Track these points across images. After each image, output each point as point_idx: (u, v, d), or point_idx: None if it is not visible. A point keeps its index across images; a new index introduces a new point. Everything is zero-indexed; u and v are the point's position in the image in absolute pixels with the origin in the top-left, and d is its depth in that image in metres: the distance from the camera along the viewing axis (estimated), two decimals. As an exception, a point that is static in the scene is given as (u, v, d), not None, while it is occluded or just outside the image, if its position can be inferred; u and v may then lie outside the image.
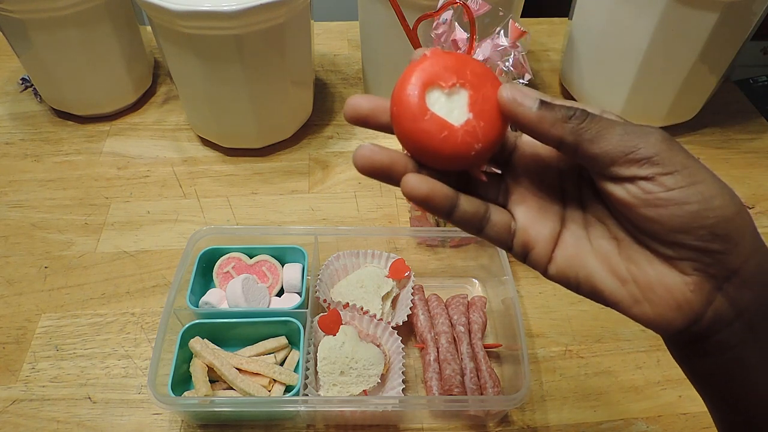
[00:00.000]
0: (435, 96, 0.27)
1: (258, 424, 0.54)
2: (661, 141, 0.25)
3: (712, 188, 0.25)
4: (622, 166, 0.25)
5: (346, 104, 0.29)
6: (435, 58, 0.28)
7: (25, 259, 0.67)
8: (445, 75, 0.27)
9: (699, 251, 0.26)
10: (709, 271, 0.26)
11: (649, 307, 0.27)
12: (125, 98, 0.84)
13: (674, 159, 0.25)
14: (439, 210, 0.28)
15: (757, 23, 0.71)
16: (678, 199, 0.25)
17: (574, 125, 0.26)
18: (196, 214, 0.72)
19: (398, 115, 0.27)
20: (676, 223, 0.25)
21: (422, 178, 0.27)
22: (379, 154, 0.28)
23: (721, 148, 0.83)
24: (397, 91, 0.27)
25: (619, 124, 0.26)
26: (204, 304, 0.59)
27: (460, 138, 0.27)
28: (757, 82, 0.96)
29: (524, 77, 0.57)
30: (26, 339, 0.60)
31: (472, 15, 0.54)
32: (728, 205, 0.25)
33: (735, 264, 0.26)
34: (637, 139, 0.25)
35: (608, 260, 0.28)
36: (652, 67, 0.74)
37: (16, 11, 0.70)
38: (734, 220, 0.25)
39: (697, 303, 0.26)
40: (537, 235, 0.29)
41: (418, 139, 0.27)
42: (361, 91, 0.90)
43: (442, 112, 0.27)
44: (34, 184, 0.75)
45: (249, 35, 0.65)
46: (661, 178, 0.25)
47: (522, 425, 0.55)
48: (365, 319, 0.58)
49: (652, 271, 0.27)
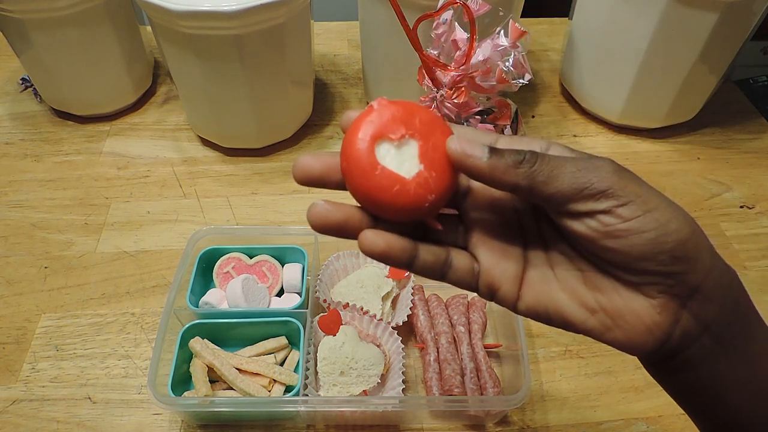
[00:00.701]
0: (385, 149, 0.27)
1: (258, 424, 0.54)
2: (613, 173, 0.26)
3: (667, 213, 0.26)
4: (578, 202, 0.26)
5: (295, 166, 0.28)
6: (382, 110, 0.27)
7: (25, 259, 0.67)
8: (393, 126, 0.27)
9: (661, 275, 0.26)
10: (673, 291, 0.27)
11: (620, 333, 0.28)
12: (125, 98, 0.84)
13: (627, 189, 0.26)
14: (399, 263, 0.28)
15: (757, 23, 0.71)
16: (636, 228, 0.25)
17: (525, 170, 0.26)
18: (196, 214, 0.72)
19: (349, 171, 0.27)
20: (636, 252, 0.26)
21: (378, 233, 0.27)
22: (332, 213, 0.27)
23: (721, 148, 0.83)
24: (346, 146, 0.27)
25: (570, 161, 0.26)
26: (204, 304, 0.59)
27: (413, 190, 0.26)
28: (757, 82, 0.96)
29: (524, 77, 0.57)
30: (26, 339, 0.60)
31: (472, 15, 0.54)
32: (683, 228, 0.26)
33: (696, 281, 0.26)
34: (590, 174, 0.26)
35: (575, 292, 0.29)
36: (652, 67, 0.74)
37: (16, 11, 0.70)
38: (690, 240, 0.26)
39: (665, 323, 0.27)
40: (501, 276, 0.29)
41: (371, 194, 0.26)
42: (362, 91, 0.90)
43: (393, 165, 0.26)
44: (34, 184, 0.75)
45: (249, 35, 0.65)
46: (617, 210, 0.25)
47: (522, 425, 0.55)
48: (365, 319, 0.58)
49: (618, 298, 0.28)
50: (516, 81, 0.57)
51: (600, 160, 0.26)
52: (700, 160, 0.81)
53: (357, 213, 0.28)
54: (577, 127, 0.85)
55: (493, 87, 0.58)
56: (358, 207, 0.28)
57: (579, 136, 0.84)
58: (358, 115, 0.27)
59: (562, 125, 0.86)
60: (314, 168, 0.28)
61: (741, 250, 0.70)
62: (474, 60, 0.56)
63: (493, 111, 0.61)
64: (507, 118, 0.61)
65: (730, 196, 0.76)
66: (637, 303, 0.27)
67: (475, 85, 0.57)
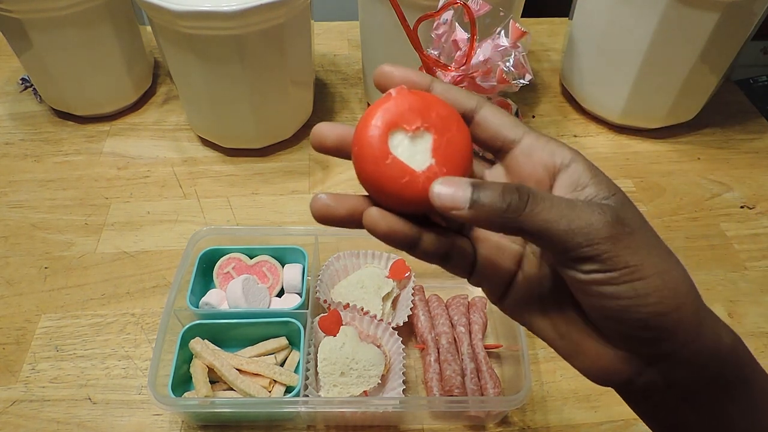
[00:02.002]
0: (398, 138, 0.26)
1: (258, 424, 0.54)
2: (606, 239, 0.24)
3: (651, 286, 0.24)
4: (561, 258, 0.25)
5: (312, 134, 0.28)
6: (400, 98, 0.26)
7: (25, 260, 0.67)
8: (409, 117, 0.26)
9: (630, 336, 0.26)
10: (640, 352, 0.26)
11: (581, 364, 0.28)
12: (125, 98, 0.84)
13: (616, 259, 0.24)
14: (401, 246, 0.27)
15: (757, 23, 0.71)
16: (609, 293, 0.24)
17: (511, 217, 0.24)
18: (197, 214, 0.72)
19: (359, 157, 0.26)
20: (607, 313, 0.25)
21: (384, 214, 0.26)
22: (335, 209, 0.27)
23: (721, 148, 0.83)
24: (360, 130, 0.26)
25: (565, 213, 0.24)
26: (204, 304, 0.59)
27: (421, 184, 0.26)
28: (757, 82, 0.96)
29: (525, 77, 0.57)
30: (26, 339, 0.60)
31: (473, 15, 0.54)
32: (664, 302, 0.24)
33: (667, 350, 0.25)
34: (581, 237, 0.24)
35: (550, 314, 0.28)
36: (652, 67, 0.74)
37: (16, 11, 0.70)
38: (669, 315, 0.24)
39: (626, 372, 0.27)
40: (494, 274, 0.29)
41: (378, 182, 0.26)
42: (362, 91, 0.90)
43: (405, 156, 0.26)
44: (34, 184, 0.75)
45: (249, 35, 0.65)
46: (595, 275, 0.24)
47: (522, 426, 0.55)
48: (366, 319, 0.58)
49: (586, 337, 0.27)
50: (516, 81, 0.57)
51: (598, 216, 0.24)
52: (701, 160, 0.81)
53: (361, 205, 0.27)
54: (578, 127, 0.85)
55: (494, 87, 0.57)
56: (362, 196, 0.28)
57: (579, 136, 0.84)
58: (376, 101, 0.27)
59: (563, 125, 0.86)
60: (329, 138, 0.28)
61: (741, 250, 0.70)
62: (474, 60, 0.56)
63: (493, 111, 0.60)
64: (507, 119, 0.60)
65: (730, 196, 0.76)
66: (602, 348, 0.27)
67: (476, 85, 0.57)
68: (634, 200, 0.26)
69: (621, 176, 0.78)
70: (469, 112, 0.28)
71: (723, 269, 0.68)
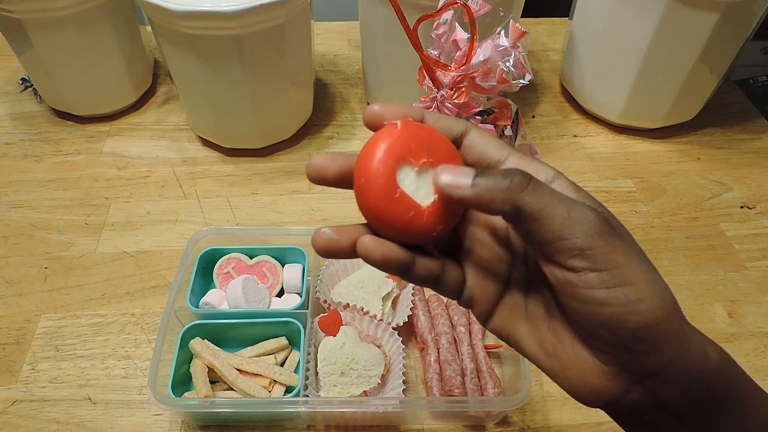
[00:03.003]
0: (405, 172, 0.26)
1: (258, 425, 0.54)
2: (598, 233, 0.24)
3: (642, 292, 0.24)
4: (553, 249, 0.25)
5: (309, 166, 0.28)
6: (406, 131, 0.26)
7: (25, 260, 0.67)
8: (416, 151, 0.26)
9: (618, 348, 0.25)
10: (628, 367, 0.26)
11: (567, 383, 0.28)
12: (125, 98, 0.84)
13: (607, 256, 0.24)
14: (395, 272, 0.28)
15: (757, 23, 0.71)
16: (600, 299, 0.24)
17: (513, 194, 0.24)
18: (197, 214, 0.72)
19: (366, 189, 0.26)
20: (596, 320, 0.25)
21: (377, 241, 0.27)
22: (339, 242, 0.27)
23: (721, 148, 0.83)
24: (366, 162, 0.26)
25: (563, 203, 0.25)
26: (204, 304, 0.59)
27: (425, 219, 0.26)
28: (757, 82, 0.96)
29: (525, 77, 0.57)
30: (26, 339, 0.60)
31: (473, 15, 0.54)
32: (654, 311, 0.24)
33: (656, 366, 0.25)
34: (575, 227, 0.24)
35: (537, 331, 0.28)
36: (652, 67, 0.74)
37: (16, 11, 0.70)
38: (659, 326, 0.24)
39: (613, 391, 0.26)
40: (481, 295, 0.29)
41: (384, 216, 0.26)
42: (362, 92, 0.90)
43: (410, 190, 0.26)
44: (34, 184, 0.75)
45: (249, 35, 0.65)
46: (587, 275, 0.24)
47: (522, 426, 0.55)
48: (366, 319, 0.58)
49: (572, 352, 0.27)
50: (516, 81, 0.57)
51: (592, 213, 0.25)
52: (701, 160, 0.81)
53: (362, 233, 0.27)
54: (578, 127, 0.85)
55: (494, 87, 0.57)
56: (362, 225, 0.28)
57: (579, 136, 0.84)
58: (378, 131, 0.27)
59: (563, 125, 0.86)
60: (329, 170, 0.28)
61: (741, 250, 0.70)
62: (474, 60, 0.56)
63: (493, 111, 0.60)
64: (507, 119, 0.61)
65: (730, 196, 0.76)
66: (589, 364, 0.26)
67: (476, 85, 0.57)
68: (634, 200, 0.26)
69: (621, 176, 0.78)
70: (458, 136, 0.29)
71: (723, 269, 0.68)
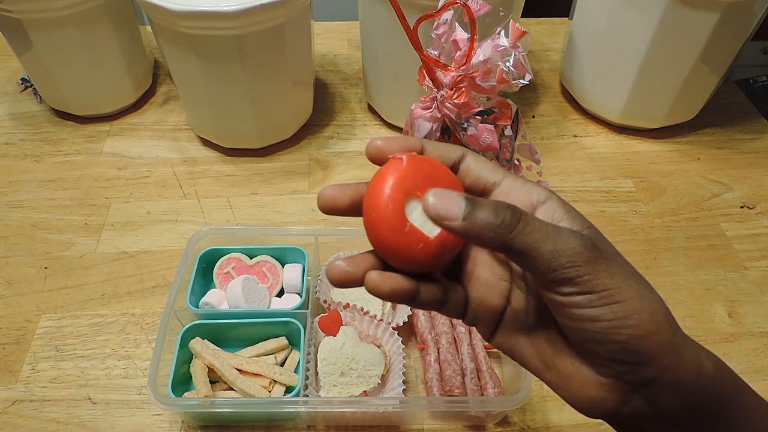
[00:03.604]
0: (412, 206, 0.27)
1: (258, 425, 0.54)
2: (586, 262, 0.25)
3: (629, 308, 0.25)
4: (545, 280, 0.26)
5: (320, 198, 0.29)
6: (411, 166, 0.27)
7: (25, 260, 0.67)
8: (422, 185, 0.27)
9: (612, 361, 0.26)
10: (624, 378, 0.27)
11: (568, 395, 0.29)
12: (125, 98, 0.84)
13: (594, 281, 0.25)
14: (401, 302, 0.29)
15: (757, 23, 0.71)
16: (589, 316, 0.25)
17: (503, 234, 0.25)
18: (197, 214, 0.72)
19: (376, 224, 0.27)
20: (587, 336, 0.26)
21: (383, 276, 0.28)
22: (352, 275, 0.29)
23: (721, 148, 0.83)
24: (375, 197, 0.27)
25: (551, 236, 0.25)
26: (204, 304, 0.59)
27: (434, 249, 0.27)
28: (757, 82, 0.96)
29: (525, 77, 0.57)
30: (26, 339, 0.60)
31: (473, 15, 0.54)
32: (642, 324, 0.25)
33: (651, 375, 0.26)
34: (564, 258, 0.25)
35: (538, 346, 0.30)
36: (652, 68, 0.74)
37: (16, 11, 0.70)
38: (649, 337, 0.25)
39: (612, 402, 0.27)
40: (484, 314, 0.30)
41: (395, 249, 0.27)
42: (362, 92, 0.90)
43: (418, 223, 0.27)
44: (34, 184, 0.75)
45: (249, 35, 0.65)
46: (575, 297, 0.25)
47: (522, 426, 0.55)
48: (366, 319, 0.58)
49: (571, 366, 0.28)
50: (516, 81, 0.57)
51: (578, 240, 0.26)
52: (701, 160, 0.81)
53: (373, 263, 0.29)
54: (578, 127, 0.85)
55: (494, 87, 0.57)
56: (370, 253, 0.29)
57: (579, 136, 0.84)
58: (385, 166, 0.28)
59: (563, 125, 0.86)
60: (341, 201, 0.29)
61: (741, 250, 0.70)
62: (474, 60, 0.55)
63: (493, 111, 0.60)
64: (507, 119, 0.61)
65: (730, 196, 0.76)
66: (587, 376, 0.27)
67: (476, 85, 0.57)
68: (634, 200, 0.27)
69: (621, 176, 0.78)
70: (456, 162, 0.30)
71: (723, 269, 0.68)
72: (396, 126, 0.83)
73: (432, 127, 0.60)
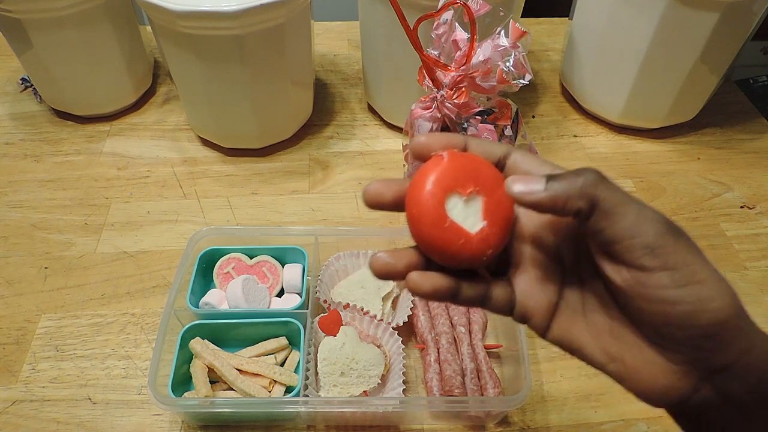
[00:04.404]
0: (453, 202, 0.28)
1: (258, 425, 0.54)
2: (667, 233, 0.25)
3: (711, 290, 0.25)
4: (624, 247, 0.25)
5: (366, 192, 0.29)
6: (452, 162, 0.28)
7: (25, 260, 0.67)
8: (463, 181, 0.28)
9: (689, 347, 0.26)
10: (699, 364, 0.26)
11: (634, 386, 0.28)
12: (125, 98, 0.84)
13: (677, 255, 0.25)
14: (442, 300, 0.29)
15: (757, 23, 0.71)
16: (672, 298, 0.25)
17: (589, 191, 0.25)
18: (197, 214, 0.72)
19: (418, 220, 0.28)
20: (666, 320, 0.25)
21: (424, 276, 0.28)
22: (394, 266, 0.29)
23: (721, 148, 0.83)
24: (417, 194, 0.28)
25: (631, 202, 0.26)
26: (204, 304, 0.59)
27: (475, 245, 0.28)
28: (757, 82, 0.96)
29: (525, 77, 0.57)
30: (26, 340, 0.60)
31: (473, 15, 0.54)
32: (724, 309, 0.25)
33: (725, 362, 0.26)
34: (646, 225, 0.25)
35: (599, 337, 0.29)
36: (652, 68, 0.74)
37: (16, 11, 0.70)
38: (728, 323, 0.25)
39: (683, 390, 0.27)
40: (535, 307, 0.30)
41: (436, 244, 0.28)
42: (362, 92, 0.90)
43: (459, 219, 0.28)
44: (34, 184, 0.75)
45: (249, 35, 0.65)
46: (658, 274, 0.25)
47: (522, 426, 0.55)
48: (366, 319, 0.58)
49: (639, 355, 0.27)
50: (516, 81, 0.57)
51: (656, 214, 0.26)
52: (701, 160, 0.81)
53: (415, 258, 0.29)
54: (578, 127, 0.85)
55: (494, 87, 0.57)
56: (413, 248, 0.29)
57: (579, 136, 0.84)
58: (427, 163, 0.29)
59: (563, 125, 0.86)
60: (385, 197, 0.29)
61: (741, 250, 0.70)
62: (474, 60, 0.56)
63: (493, 111, 0.60)
64: (507, 119, 0.61)
65: (730, 196, 0.76)
66: (657, 365, 0.27)
67: (476, 85, 0.57)
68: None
69: (621, 176, 0.78)
70: (501, 159, 0.30)
71: (723, 269, 0.68)
72: (396, 126, 0.83)
73: (432, 127, 0.60)
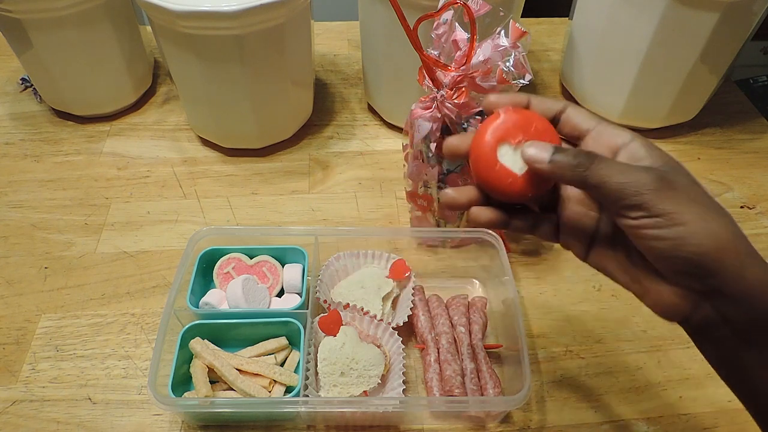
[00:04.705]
0: (504, 149, 0.35)
1: (258, 425, 0.54)
2: (653, 190, 0.31)
3: (691, 229, 0.30)
4: (618, 206, 0.32)
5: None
6: (506, 117, 0.35)
7: (25, 260, 0.67)
8: (513, 132, 0.35)
9: (679, 273, 0.32)
10: (692, 286, 0.32)
11: (650, 302, 0.35)
12: (125, 98, 0.84)
13: (660, 206, 0.30)
14: (498, 227, 0.38)
15: (757, 23, 0.71)
16: (654, 235, 0.31)
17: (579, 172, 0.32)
18: (197, 214, 0.72)
19: (476, 163, 0.36)
20: (655, 253, 0.32)
21: (482, 210, 0.37)
22: (458, 199, 0.38)
23: (721, 148, 0.83)
24: (476, 142, 0.36)
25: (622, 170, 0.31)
26: (204, 304, 0.59)
27: (520, 184, 0.35)
28: (757, 82, 0.96)
29: (525, 77, 0.57)
30: (26, 340, 0.60)
31: (473, 15, 0.54)
32: (705, 242, 0.30)
33: (715, 286, 0.31)
34: (631, 188, 0.31)
35: (623, 264, 0.36)
36: (652, 68, 0.74)
37: (16, 11, 0.70)
38: (709, 255, 0.30)
39: (684, 307, 0.33)
40: (576, 238, 0.38)
41: (489, 182, 0.36)
42: (362, 92, 0.90)
43: (509, 163, 0.35)
44: (34, 184, 0.75)
45: (249, 35, 0.65)
46: (643, 221, 0.31)
47: (522, 425, 0.55)
48: (366, 319, 0.58)
49: (648, 278, 0.34)
50: (517, 81, 0.57)
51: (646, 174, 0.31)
52: (701, 160, 0.81)
53: (475, 194, 0.38)
54: (578, 127, 0.85)
55: (494, 87, 0.57)
56: (474, 186, 0.38)
57: (579, 136, 0.84)
58: (488, 119, 0.36)
59: (563, 125, 0.86)
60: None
61: (741, 250, 0.70)
62: (474, 60, 0.55)
63: (493, 111, 0.60)
64: (507, 119, 0.60)
65: (730, 196, 0.76)
66: (662, 287, 0.33)
67: (476, 85, 0.57)
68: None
69: (621, 176, 0.78)
70: (558, 113, 0.37)
71: (723, 269, 0.68)
72: (396, 126, 0.83)
73: (432, 127, 0.60)
